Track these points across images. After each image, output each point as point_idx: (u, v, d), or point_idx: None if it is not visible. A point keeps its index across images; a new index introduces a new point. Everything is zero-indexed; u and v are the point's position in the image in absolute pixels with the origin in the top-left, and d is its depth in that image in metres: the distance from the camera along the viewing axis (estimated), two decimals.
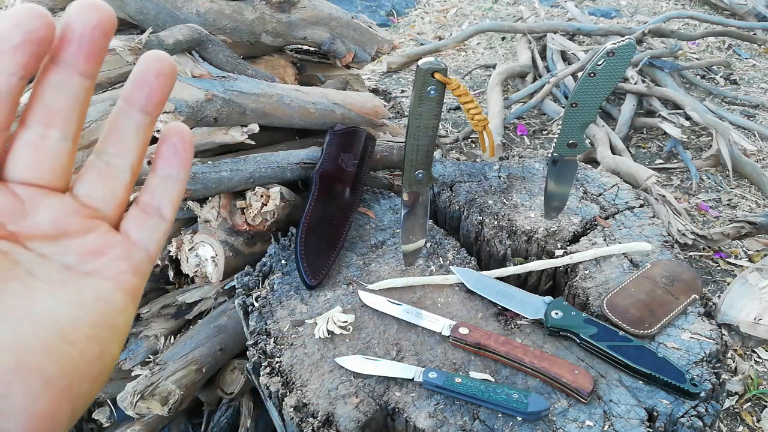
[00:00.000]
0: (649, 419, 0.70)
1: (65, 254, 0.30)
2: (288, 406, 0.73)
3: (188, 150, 0.32)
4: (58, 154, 0.29)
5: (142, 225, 0.32)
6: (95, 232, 0.31)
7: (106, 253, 0.31)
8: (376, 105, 1.24)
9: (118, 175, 0.31)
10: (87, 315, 0.29)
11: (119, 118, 0.30)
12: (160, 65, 0.29)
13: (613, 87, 0.79)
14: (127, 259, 0.31)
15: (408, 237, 0.88)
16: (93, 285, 0.30)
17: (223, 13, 1.18)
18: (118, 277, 0.31)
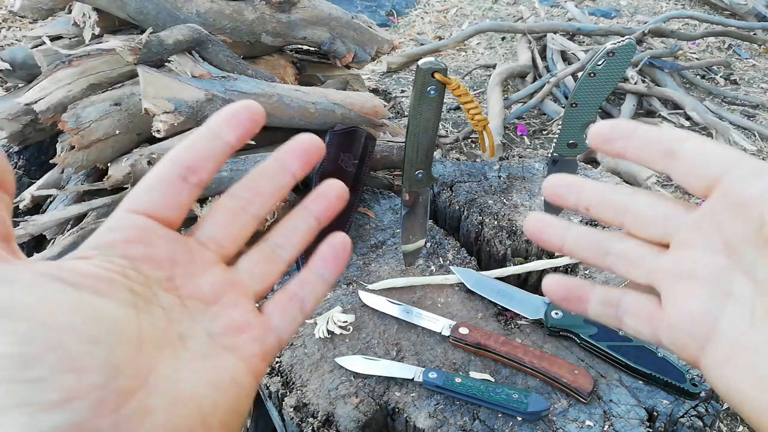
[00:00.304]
0: (649, 419, 0.70)
1: (212, 323, 0.31)
2: (288, 406, 0.73)
3: (346, 258, 0.35)
4: (245, 226, 0.33)
5: (284, 312, 0.34)
6: (241, 308, 0.32)
7: (246, 331, 0.32)
8: (376, 105, 1.24)
9: (277, 263, 0.34)
10: (224, 400, 0.29)
11: (297, 218, 0.35)
12: (341, 190, 0.35)
13: (613, 87, 0.79)
14: (261, 343, 0.32)
15: (408, 237, 0.88)
16: (229, 364, 0.30)
17: (223, 13, 1.18)
18: (250, 359, 0.31)
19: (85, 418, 0.23)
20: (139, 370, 0.26)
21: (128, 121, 1.09)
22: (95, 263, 0.28)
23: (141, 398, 0.25)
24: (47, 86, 1.11)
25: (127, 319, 0.27)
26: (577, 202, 0.35)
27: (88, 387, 0.24)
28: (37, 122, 1.18)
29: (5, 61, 1.33)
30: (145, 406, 0.25)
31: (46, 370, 0.23)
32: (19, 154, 1.40)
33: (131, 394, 0.25)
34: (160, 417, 0.26)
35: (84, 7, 1.22)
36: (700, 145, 0.31)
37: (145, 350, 0.27)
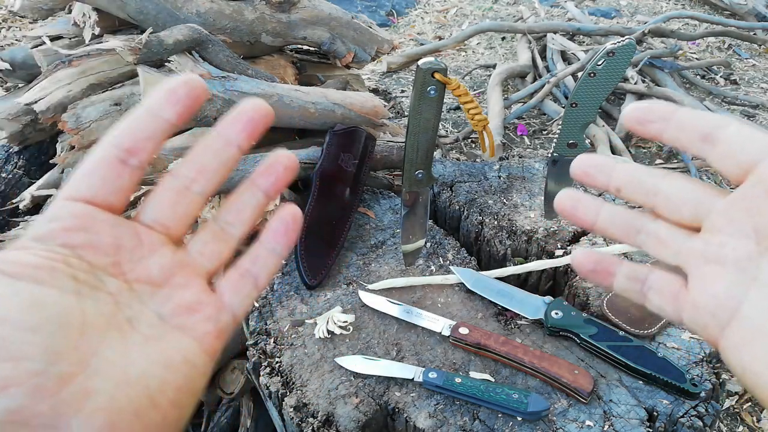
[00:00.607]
0: (649, 419, 0.70)
1: (162, 304, 0.31)
2: (288, 406, 0.73)
3: (296, 231, 0.34)
4: (191, 205, 0.33)
5: (238, 289, 0.34)
6: (193, 288, 0.32)
7: (198, 311, 0.32)
8: (376, 105, 1.24)
9: (228, 240, 0.34)
10: (174, 378, 0.29)
11: (245, 194, 0.34)
12: (289, 161, 0.34)
13: (613, 87, 0.79)
14: (215, 321, 0.32)
15: (408, 237, 0.88)
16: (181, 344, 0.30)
17: (223, 13, 1.18)
18: (204, 338, 0.31)
19: (22, 405, 0.23)
20: (82, 354, 0.26)
21: None
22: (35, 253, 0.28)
23: (81, 381, 0.26)
24: (47, 86, 1.11)
25: (69, 306, 0.27)
26: (607, 182, 0.35)
27: (25, 374, 0.24)
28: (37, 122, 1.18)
29: (5, 61, 1.33)
30: (85, 388, 0.26)
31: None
32: (19, 154, 1.40)
33: (72, 377, 0.25)
34: (103, 398, 0.26)
35: (84, 7, 1.22)
36: (739, 130, 0.31)
37: (89, 335, 0.27)
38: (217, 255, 0.34)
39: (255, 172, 0.34)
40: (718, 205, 0.32)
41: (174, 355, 0.30)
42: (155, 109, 0.31)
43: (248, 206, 0.34)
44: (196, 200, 0.33)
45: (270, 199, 0.34)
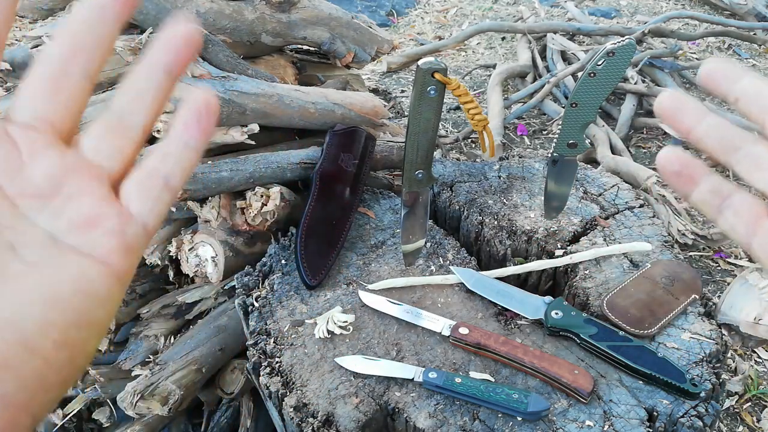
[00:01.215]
0: (649, 419, 0.70)
1: (55, 220, 0.26)
2: (288, 406, 0.73)
3: (212, 120, 0.29)
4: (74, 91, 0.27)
5: (145, 193, 0.28)
6: (91, 196, 0.27)
7: (99, 224, 0.27)
8: (376, 105, 1.24)
9: (129, 132, 0.28)
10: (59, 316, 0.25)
11: (140, 76, 0.28)
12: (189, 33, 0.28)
13: (613, 87, 0.79)
14: (120, 235, 0.27)
15: (408, 237, 0.88)
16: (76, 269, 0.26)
17: (223, 13, 1.18)
18: (108, 256, 0.27)
19: None
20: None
21: None
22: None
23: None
24: None
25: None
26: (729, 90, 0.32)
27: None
28: None
29: (5, 61, 1.33)
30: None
31: None
32: None
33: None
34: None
35: None
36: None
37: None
38: (117, 152, 0.28)
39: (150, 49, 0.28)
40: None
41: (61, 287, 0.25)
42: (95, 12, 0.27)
43: (148, 89, 0.28)
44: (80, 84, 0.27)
45: (173, 78, 0.28)
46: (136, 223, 0.28)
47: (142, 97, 0.28)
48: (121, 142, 0.28)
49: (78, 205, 0.27)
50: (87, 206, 0.27)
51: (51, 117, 0.27)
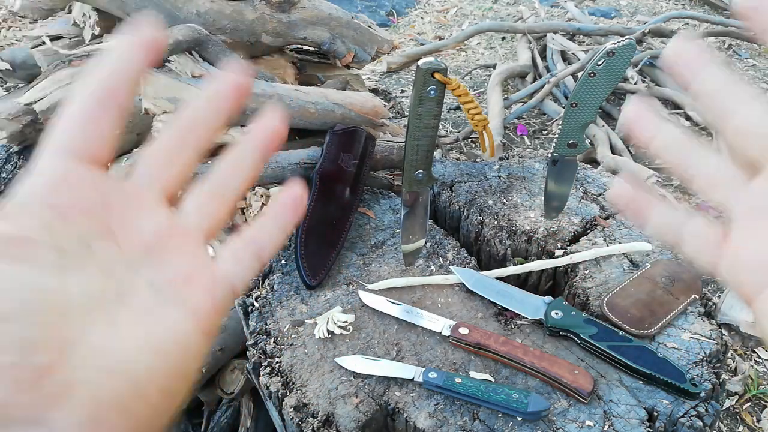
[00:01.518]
0: (649, 419, 0.70)
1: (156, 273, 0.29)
2: (288, 406, 0.73)
3: (303, 209, 0.33)
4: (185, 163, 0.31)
5: (239, 261, 0.31)
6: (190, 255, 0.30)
7: (195, 281, 0.29)
8: (376, 105, 1.24)
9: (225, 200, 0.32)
10: (164, 365, 0.27)
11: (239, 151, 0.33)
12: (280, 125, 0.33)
13: (613, 87, 0.79)
14: (212, 294, 0.30)
15: (408, 237, 0.88)
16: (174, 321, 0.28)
17: (223, 13, 1.18)
18: (200, 312, 0.29)
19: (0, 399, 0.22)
20: (62, 343, 0.24)
21: (128, 121, 1.09)
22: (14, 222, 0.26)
23: (63, 373, 0.24)
24: (47, 86, 1.11)
25: (49, 288, 0.25)
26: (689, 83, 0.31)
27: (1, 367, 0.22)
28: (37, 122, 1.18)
29: (5, 61, 1.33)
30: (67, 380, 0.24)
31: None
32: (19, 154, 1.40)
33: (51, 369, 0.23)
34: (85, 391, 0.24)
35: (84, 7, 1.22)
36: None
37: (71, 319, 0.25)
38: (214, 215, 0.32)
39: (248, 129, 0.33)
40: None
41: (164, 338, 0.27)
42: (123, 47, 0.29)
43: (244, 163, 0.32)
44: (192, 156, 0.31)
45: (265, 157, 0.33)
46: (226, 286, 0.30)
47: (239, 172, 0.32)
48: (218, 207, 0.32)
49: (178, 262, 0.29)
50: (186, 264, 0.29)
51: (163, 182, 0.30)
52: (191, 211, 0.31)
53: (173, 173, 0.31)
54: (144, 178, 0.30)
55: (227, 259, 0.31)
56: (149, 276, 0.28)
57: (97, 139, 0.28)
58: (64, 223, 0.26)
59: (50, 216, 0.26)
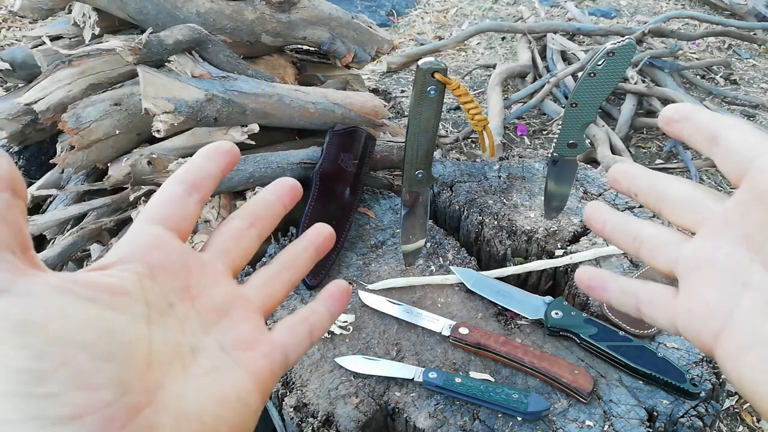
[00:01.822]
0: (649, 419, 0.70)
1: (224, 335, 0.32)
2: (288, 406, 0.73)
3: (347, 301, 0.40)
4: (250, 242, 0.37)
5: (294, 332, 0.35)
6: (251, 323, 0.34)
7: (255, 346, 0.33)
8: (376, 105, 1.24)
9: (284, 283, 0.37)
10: (229, 416, 0.29)
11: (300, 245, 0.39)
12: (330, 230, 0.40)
13: (613, 87, 0.79)
14: (269, 360, 0.33)
15: (408, 237, 0.88)
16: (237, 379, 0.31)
17: (223, 13, 1.18)
18: (259, 374, 0.32)
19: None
20: (148, 386, 0.27)
21: (128, 121, 1.09)
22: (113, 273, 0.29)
23: (149, 415, 0.26)
24: (47, 86, 1.11)
25: (139, 336, 0.27)
26: (629, 187, 0.36)
27: (98, 403, 0.24)
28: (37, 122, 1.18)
29: (5, 61, 1.33)
30: (152, 422, 0.26)
31: (58, 386, 0.23)
32: (19, 154, 1.40)
33: (140, 410, 0.26)
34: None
35: (84, 7, 1.22)
36: (739, 134, 0.31)
37: (155, 367, 0.27)
38: (273, 294, 0.36)
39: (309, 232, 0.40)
40: (717, 210, 0.32)
41: (229, 392, 0.30)
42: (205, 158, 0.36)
43: (302, 257, 0.39)
44: (254, 240, 0.37)
45: (319, 254, 0.40)
46: (281, 353, 0.34)
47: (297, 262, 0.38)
48: (277, 288, 0.37)
49: (242, 327, 0.33)
50: (248, 331, 0.33)
51: (231, 256, 0.35)
52: (255, 287, 0.36)
53: (240, 250, 0.36)
54: (216, 251, 0.35)
55: (283, 331, 0.35)
56: (218, 337, 0.32)
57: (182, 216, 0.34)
58: (153, 282, 0.30)
59: (143, 273, 0.30)
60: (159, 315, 0.29)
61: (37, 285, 0.25)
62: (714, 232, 0.32)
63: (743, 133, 0.31)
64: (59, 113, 1.06)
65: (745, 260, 0.30)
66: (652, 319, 0.35)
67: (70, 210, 1.16)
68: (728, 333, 0.30)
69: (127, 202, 1.16)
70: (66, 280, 0.27)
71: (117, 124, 1.07)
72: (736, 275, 0.30)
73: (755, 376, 0.29)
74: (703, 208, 0.33)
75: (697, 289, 0.32)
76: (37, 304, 0.25)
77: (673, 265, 0.34)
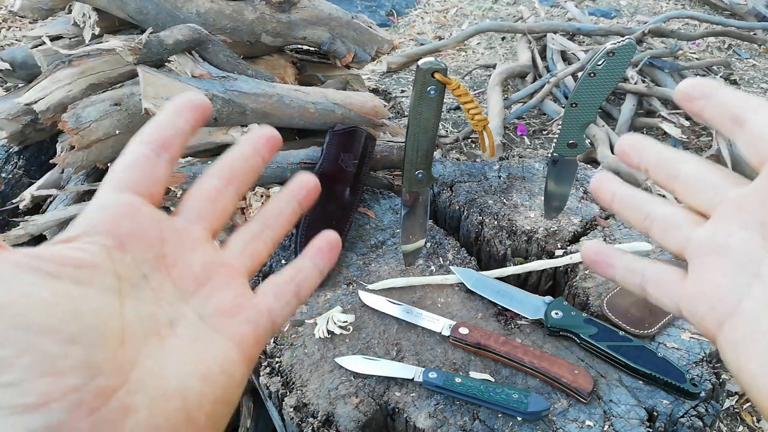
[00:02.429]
0: (649, 419, 0.70)
1: (204, 304, 0.30)
2: (288, 406, 0.73)
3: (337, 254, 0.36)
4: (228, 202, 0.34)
5: (279, 296, 0.33)
6: (234, 289, 0.32)
7: (238, 313, 0.31)
8: (376, 105, 1.24)
9: (266, 242, 0.35)
10: (211, 390, 0.28)
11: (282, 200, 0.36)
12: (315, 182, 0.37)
13: (613, 87, 0.79)
14: (254, 325, 0.31)
15: (408, 237, 0.88)
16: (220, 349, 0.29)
17: (223, 13, 1.18)
18: (243, 342, 0.30)
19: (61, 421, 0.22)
20: (121, 366, 0.25)
21: (128, 121, 1.09)
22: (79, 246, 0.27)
23: (122, 396, 0.25)
24: (47, 86, 1.11)
25: (109, 312, 0.26)
26: (639, 162, 0.35)
27: (64, 389, 0.23)
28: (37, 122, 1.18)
29: (5, 61, 1.33)
30: (126, 404, 0.25)
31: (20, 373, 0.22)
32: (19, 154, 1.40)
33: (112, 393, 0.24)
34: (143, 415, 0.25)
35: (84, 7, 1.22)
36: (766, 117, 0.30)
37: (129, 344, 0.26)
38: (256, 255, 0.34)
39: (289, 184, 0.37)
40: (733, 194, 0.31)
41: (212, 365, 0.29)
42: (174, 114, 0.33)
43: (285, 213, 0.36)
44: (232, 199, 0.34)
45: (302, 210, 0.37)
46: (267, 317, 0.32)
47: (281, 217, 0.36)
48: (260, 248, 0.35)
49: (223, 294, 0.31)
50: (230, 297, 0.31)
51: (209, 219, 0.33)
52: (236, 249, 0.34)
53: (217, 212, 0.34)
54: (192, 215, 0.33)
55: (268, 294, 0.33)
56: (197, 307, 0.30)
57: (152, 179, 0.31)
58: (124, 253, 0.28)
59: (112, 244, 0.28)
60: (131, 288, 0.28)
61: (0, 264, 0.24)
62: (729, 217, 0.31)
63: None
64: (59, 113, 1.06)
65: (759, 249, 0.29)
66: (656, 299, 0.34)
67: (70, 210, 1.16)
68: (734, 322, 0.29)
69: None
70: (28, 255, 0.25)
71: (117, 124, 1.07)
72: (749, 264, 0.29)
73: (755, 369, 0.28)
74: (720, 191, 0.31)
75: (707, 274, 0.31)
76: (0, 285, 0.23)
77: (684, 247, 0.32)
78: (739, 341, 0.29)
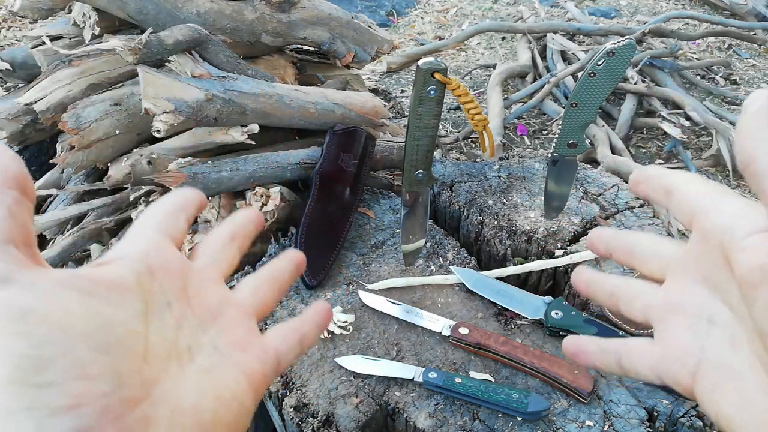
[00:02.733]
0: (649, 419, 0.70)
1: (218, 336, 0.33)
2: (288, 406, 0.73)
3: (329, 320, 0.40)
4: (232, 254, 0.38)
5: (286, 338, 0.36)
6: (245, 326, 0.35)
7: (248, 349, 0.34)
8: (376, 105, 1.24)
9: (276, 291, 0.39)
10: (225, 414, 0.30)
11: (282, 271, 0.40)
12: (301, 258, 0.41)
13: (613, 87, 0.79)
14: (262, 362, 0.34)
15: (408, 237, 0.88)
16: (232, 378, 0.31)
17: (223, 13, 1.18)
18: (252, 375, 0.33)
19: (90, 425, 0.24)
20: (145, 380, 0.27)
21: (128, 121, 1.09)
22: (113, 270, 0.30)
23: (145, 408, 0.26)
24: (47, 86, 1.11)
25: (135, 331, 0.28)
26: (606, 251, 0.39)
27: (96, 394, 0.24)
28: (37, 122, 1.18)
29: (5, 61, 1.33)
30: (148, 416, 0.26)
31: (57, 375, 0.23)
32: (19, 154, 1.40)
33: (136, 403, 0.26)
34: (162, 427, 0.26)
35: (84, 7, 1.22)
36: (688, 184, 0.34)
37: (151, 362, 0.28)
38: (264, 300, 0.38)
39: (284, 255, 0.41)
40: (676, 256, 0.35)
41: (225, 390, 0.31)
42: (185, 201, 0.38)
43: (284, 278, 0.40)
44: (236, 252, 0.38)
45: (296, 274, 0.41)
46: (273, 358, 0.35)
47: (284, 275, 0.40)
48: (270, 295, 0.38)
49: (236, 329, 0.34)
50: (241, 333, 0.34)
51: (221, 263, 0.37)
52: (246, 292, 0.37)
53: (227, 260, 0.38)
54: (206, 259, 0.37)
55: (276, 337, 0.36)
56: (213, 338, 0.33)
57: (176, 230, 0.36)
58: (152, 281, 0.31)
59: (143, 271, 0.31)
60: (156, 312, 0.30)
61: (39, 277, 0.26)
62: (678, 277, 0.34)
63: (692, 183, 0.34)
64: (59, 113, 1.06)
65: (707, 298, 0.32)
66: (635, 372, 0.36)
67: (70, 210, 1.16)
68: (703, 370, 0.31)
69: (127, 202, 1.16)
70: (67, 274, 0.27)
71: (117, 124, 1.07)
72: (702, 313, 0.32)
73: (729, 411, 0.29)
74: (666, 256, 0.35)
75: (670, 333, 0.33)
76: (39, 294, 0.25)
77: (647, 312, 0.35)
78: (712, 388, 0.30)
